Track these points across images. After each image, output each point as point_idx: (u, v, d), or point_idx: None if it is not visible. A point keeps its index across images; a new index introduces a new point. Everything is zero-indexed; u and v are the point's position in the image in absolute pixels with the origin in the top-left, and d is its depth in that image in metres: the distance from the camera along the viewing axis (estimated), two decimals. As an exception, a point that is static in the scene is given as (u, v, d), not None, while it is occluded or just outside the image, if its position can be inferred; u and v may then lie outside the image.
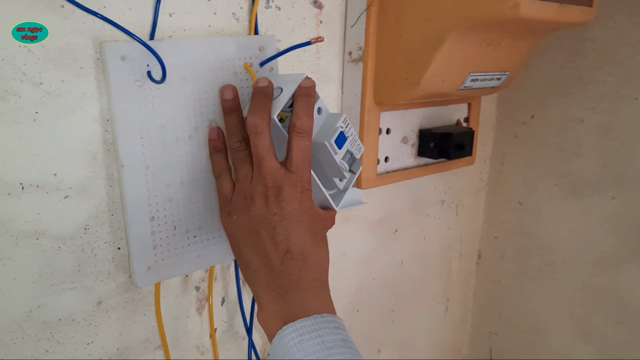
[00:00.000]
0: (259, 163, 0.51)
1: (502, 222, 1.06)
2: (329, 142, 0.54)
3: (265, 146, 0.51)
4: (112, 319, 0.56)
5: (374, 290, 0.90)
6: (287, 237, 0.51)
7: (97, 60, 0.49)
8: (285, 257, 0.51)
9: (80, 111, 0.49)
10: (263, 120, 0.51)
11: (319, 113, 0.56)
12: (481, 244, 1.11)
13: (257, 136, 0.51)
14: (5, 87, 0.44)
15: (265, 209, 0.51)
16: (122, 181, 0.51)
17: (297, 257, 0.51)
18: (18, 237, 0.48)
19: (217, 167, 0.56)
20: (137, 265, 0.54)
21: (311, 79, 0.54)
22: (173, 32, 0.53)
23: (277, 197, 0.51)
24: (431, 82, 0.66)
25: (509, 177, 1.03)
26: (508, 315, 1.10)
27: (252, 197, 0.52)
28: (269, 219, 0.51)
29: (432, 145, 0.79)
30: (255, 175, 0.52)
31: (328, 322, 0.48)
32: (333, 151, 0.55)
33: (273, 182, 0.51)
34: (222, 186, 0.55)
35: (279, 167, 0.51)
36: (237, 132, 0.54)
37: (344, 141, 0.56)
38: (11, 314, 0.49)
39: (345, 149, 0.56)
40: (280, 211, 0.51)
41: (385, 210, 0.86)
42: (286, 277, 0.51)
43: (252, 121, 0.51)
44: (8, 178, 0.46)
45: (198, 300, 0.64)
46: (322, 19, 0.67)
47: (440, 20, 0.61)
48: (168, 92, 0.52)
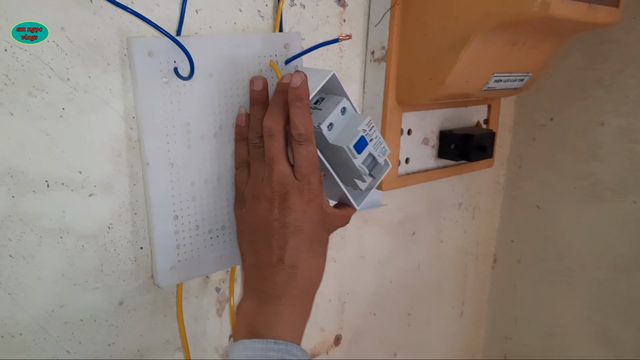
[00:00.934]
0: (270, 166, 0.51)
1: (519, 225, 1.05)
2: (347, 146, 0.53)
3: (277, 150, 0.50)
4: (133, 319, 0.55)
5: (391, 293, 0.89)
6: (282, 245, 0.51)
7: (124, 56, 0.48)
8: (277, 265, 0.51)
9: (106, 108, 0.48)
10: (277, 124, 0.50)
11: (343, 113, 0.55)
12: (497, 247, 1.10)
13: (270, 139, 0.50)
14: (33, 83, 0.43)
15: (268, 212, 0.51)
16: (147, 179, 0.51)
17: (287, 269, 0.51)
18: (42, 235, 0.47)
19: (238, 157, 0.55)
20: (160, 265, 0.53)
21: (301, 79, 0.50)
22: (199, 28, 0.52)
23: (282, 204, 0.51)
24: (455, 82, 0.65)
25: (526, 180, 1.02)
26: (524, 320, 1.08)
27: (259, 198, 0.52)
28: (270, 224, 0.51)
29: (453, 146, 0.78)
30: (266, 176, 0.51)
31: (277, 351, 0.48)
32: (352, 155, 0.53)
33: (280, 187, 0.50)
34: (238, 177, 0.55)
35: (289, 173, 0.51)
36: (258, 127, 0.53)
37: (365, 145, 0.54)
38: (34, 313, 0.48)
39: (366, 153, 0.55)
40: (282, 218, 0.51)
41: (404, 213, 0.85)
42: (270, 286, 0.51)
43: (267, 123, 0.50)
44: (34, 175, 0.45)
45: (218, 302, 0.63)
46: (346, 17, 0.66)
47: (467, 19, 0.60)
48: (194, 89, 0.51)
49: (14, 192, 0.44)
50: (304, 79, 0.50)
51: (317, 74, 0.53)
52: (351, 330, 0.83)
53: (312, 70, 0.55)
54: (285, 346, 0.48)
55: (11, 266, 0.46)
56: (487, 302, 1.13)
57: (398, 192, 0.80)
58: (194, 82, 0.51)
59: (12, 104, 0.43)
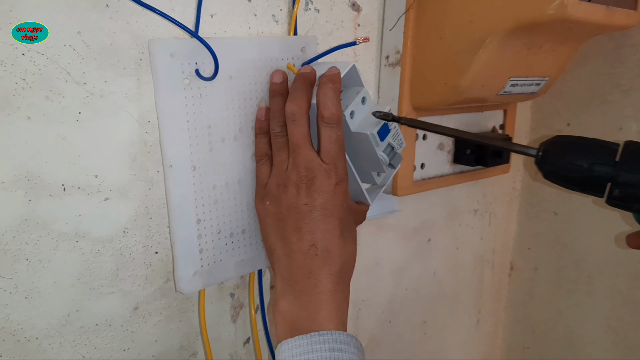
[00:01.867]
0: (295, 151, 0.50)
1: (536, 232, 1.04)
2: (371, 132, 0.53)
3: (301, 134, 0.50)
4: (148, 325, 0.55)
5: (407, 301, 0.88)
6: (313, 229, 0.49)
7: (140, 60, 0.48)
8: (309, 251, 0.49)
9: (122, 112, 0.48)
10: (301, 108, 0.50)
11: (363, 103, 0.55)
12: (514, 255, 1.08)
13: (294, 124, 0.50)
14: (50, 87, 0.44)
15: (296, 198, 0.50)
16: (169, 182, 0.51)
17: (321, 253, 0.49)
18: (58, 239, 0.47)
19: (259, 151, 0.55)
20: (182, 271, 0.53)
21: (336, 68, 0.52)
22: (214, 33, 0.53)
23: (310, 188, 0.50)
24: (471, 86, 0.65)
25: (543, 187, 1.01)
26: (542, 329, 1.07)
27: (285, 185, 0.51)
28: (299, 208, 0.50)
29: (469, 152, 0.78)
30: (291, 163, 0.51)
31: (323, 343, 0.46)
32: (375, 143, 0.53)
33: (307, 171, 0.50)
34: (260, 170, 0.55)
35: (315, 157, 0.50)
36: (280, 116, 0.52)
37: (387, 134, 0.54)
38: (50, 318, 0.48)
39: (387, 142, 0.55)
40: (312, 202, 0.49)
41: (419, 219, 0.85)
42: (305, 275, 0.49)
43: (290, 108, 0.50)
44: (50, 179, 0.45)
45: (232, 308, 0.63)
46: (360, 22, 0.66)
47: (483, 22, 0.60)
48: (215, 91, 0.52)
49: (30, 196, 0.45)
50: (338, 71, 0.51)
51: (337, 66, 0.53)
52: (366, 338, 0.83)
53: (331, 64, 0.55)
54: (331, 335, 0.46)
55: (27, 270, 0.46)
56: (504, 310, 1.12)
57: (413, 198, 0.80)
58: (215, 84, 0.51)
59: (29, 108, 0.43)
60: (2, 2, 0.40)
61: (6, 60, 0.41)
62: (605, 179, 0.44)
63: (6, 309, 0.45)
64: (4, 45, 0.41)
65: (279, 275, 0.51)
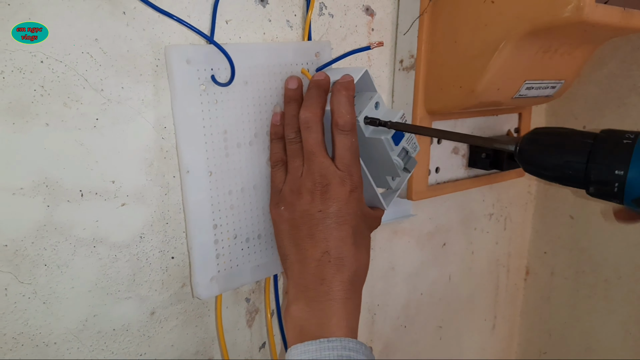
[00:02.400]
0: (309, 158, 0.50)
1: (552, 237, 1.03)
2: (386, 137, 0.53)
3: (315, 141, 0.50)
4: (164, 330, 0.55)
5: (422, 306, 0.87)
6: (327, 237, 0.50)
7: (156, 67, 0.49)
8: (322, 258, 0.49)
9: (138, 118, 0.48)
10: (315, 115, 0.50)
11: (376, 108, 0.55)
12: (530, 259, 1.07)
13: (308, 130, 0.50)
14: (68, 93, 0.44)
15: (310, 205, 0.50)
16: (186, 188, 0.51)
17: (333, 260, 0.49)
18: (76, 244, 0.47)
19: (274, 156, 0.55)
20: (200, 276, 0.53)
21: (349, 75, 0.52)
22: (229, 39, 0.53)
23: (324, 195, 0.50)
24: (486, 90, 0.64)
25: (559, 190, 1.00)
26: (559, 334, 1.05)
27: (300, 192, 0.51)
28: (313, 215, 0.50)
29: (484, 155, 0.77)
30: (305, 169, 0.51)
31: (332, 349, 0.46)
32: (389, 147, 0.53)
33: (321, 178, 0.50)
34: (275, 176, 0.55)
35: (329, 164, 0.50)
36: (294, 122, 0.53)
37: (401, 138, 0.55)
38: (68, 322, 0.49)
39: (401, 146, 0.55)
40: (326, 209, 0.50)
41: (434, 223, 0.84)
42: (317, 282, 0.49)
43: (304, 115, 0.50)
44: (68, 185, 0.46)
45: (248, 313, 0.63)
46: (374, 26, 0.66)
47: (498, 26, 0.60)
48: (230, 96, 0.52)
49: (49, 202, 0.45)
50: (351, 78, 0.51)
51: (349, 72, 0.53)
52: (381, 343, 0.82)
53: (344, 70, 0.55)
54: (340, 342, 0.46)
55: (46, 275, 0.46)
56: (519, 315, 1.11)
57: (428, 203, 0.79)
58: (230, 89, 0.52)
59: (47, 114, 0.43)
60: (21, 10, 0.41)
61: (25, 68, 0.42)
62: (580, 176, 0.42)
63: (25, 314, 0.46)
64: (23, 52, 0.41)
65: (292, 280, 0.52)
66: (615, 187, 0.40)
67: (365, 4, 0.64)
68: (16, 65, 0.41)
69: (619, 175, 0.40)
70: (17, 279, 0.45)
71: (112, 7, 0.45)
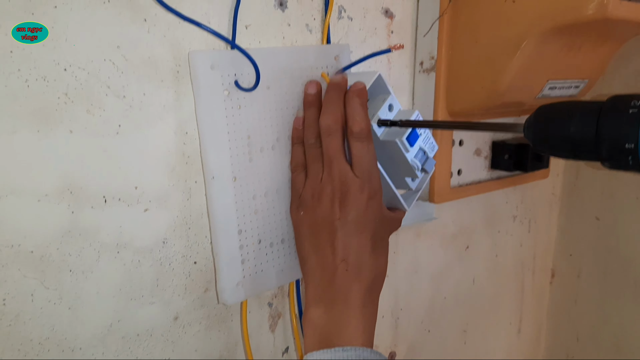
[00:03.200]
0: (329, 164, 0.51)
1: (578, 238, 1.01)
2: (400, 139, 0.53)
3: (336, 147, 0.50)
4: (188, 334, 0.55)
5: (446, 310, 0.86)
6: (346, 244, 0.50)
7: (177, 72, 0.49)
8: (340, 265, 0.50)
9: (160, 123, 0.49)
10: (336, 122, 0.50)
11: (390, 110, 0.55)
12: (555, 261, 1.06)
13: (329, 137, 0.50)
14: (91, 101, 0.44)
15: (329, 211, 0.50)
16: (211, 193, 0.51)
17: (351, 268, 0.50)
18: (100, 250, 0.48)
19: (295, 160, 0.55)
20: (226, 281, 0.53)
21: (361, 82, 0.52)
22: (249, 44, 0.53)
23: (343, 202, 0.50)
24: (508, 90, 0.64)
25: (584, 191, 0.98)
26: (586, 337, 1.03)
27: (320, 198, 0.51)
28: (332, 222, 0.50)
29: (507, 156, 0.76)
30: (325, 175, 0.51)
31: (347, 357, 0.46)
32: (404, 149, 0.53)
33: (340, 185, 0.50)
34: (295, 180, 0.55)
35: (348, 170, 0.50)
36: (314, 127, 0.53)
37: (416, 138, 0.54)
38: (92, 328, 0.49)
39: (417, 146, 0.54)
40: (344, 216, 0.50)
41: (457, 226, 0.83)
42: (335, 289, 0.50)
43: (325, 121, 0.50)
44: (92, 191, 0.46)
45: (271, 317, 0.63)
46: (393, 28, 0.66)
47: (519, 24, 0.59)
48: (253, 101, 0.52)
49: (73, 208, 0.45)
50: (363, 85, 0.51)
51: (363, 77, 0.53)
52: (405, 347, 0.81)
53: (358, 74, 0.56)
54: (354, 351, 0.47)
55: (71, 281, 0.47)
56: (546, 317, 1.09)
57: (450, 205, 0.79)
58: (253, 94, 0.52)
59: (71, 121, 0.44)
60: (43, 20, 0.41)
61: (49, 76, 0.42)
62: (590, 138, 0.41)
63: (51, 319, 0.46)
64: (46, 61, 0.42)
65: (311, 284, 0.52)
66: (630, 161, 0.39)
67: (385, 6, 0.64)
68: (40, 74, 0.42)
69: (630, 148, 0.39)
70: (43, 284, 0.45)
71: (133, 14, 0.46)
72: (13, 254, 0.43)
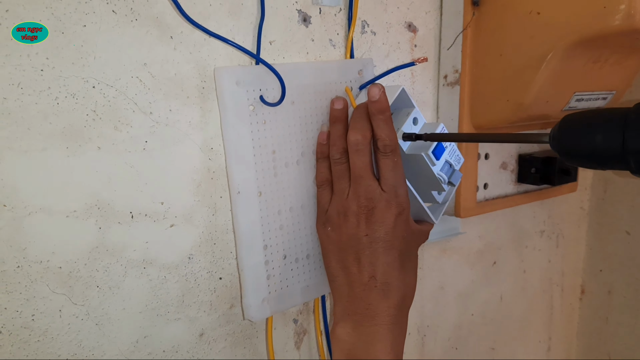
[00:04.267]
0: (356, 181, 0.50)
1: (608, 254, 0.99)
2: (425, 153, 0.52)
3: (364, 164, 0.50)
4: (213, 351, 0.55)
5: (474, 327, 0.85)
6: (374, 261, 0.49)
7: (202, 89, 0.49)
8: (368, 282, 0.49)
9: (186, 140, 0.49)
10: (365, 138, 0.50)
11: (415, 123, 0.54)
12: (584, 277, 1.03)
13: (357, 154, 0.50)
14: (119, 117, 0.45)
15: (356, 229, 0.50)
16: (236, 209, 0.51)
17: (380, 285, 0.49)
18: (127, 266, 0.48)
19: (320, 176, 0.55)
20: (251, 298, 0.53)
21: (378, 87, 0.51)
22: (274, 59, 0.53)
23: (370, 219, 0.50)
24: (534, 103, 0.63)
25: (613, 205, 0.96)
26: (618, 356, 1.01)
27: (346, 215, 0.51)
28: (360, 239, 0.50)
29: (534, 170, 0.75)
30: (352, 192, 0.51)
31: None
32: (430, 163, 0.53)
33: (367, 201, 0.50)
34: (321, 196, 0.55)
35: (376, 187, 0.50)
36: (340, 142, 0.52)
37: (442, 152, 0.54)
38: (119, 344, 0.49)
39: (443, 159, 0.54)
40: (372, 233, 0.49)
41: (484, 241, 0.82)
42: (364, 307, 0.49)
43: (354, 137, 0.50)
44: (119, 207, 0.46)
45: (296, 334, 0.62)
46: (417, 42, 0.65)
47: (544, 37, 0.58)
48: (278, 116, 0.52)
49: (101, 224, 0.46)
50: (382, 90, 0.50)
51: (386, 91, 0.53)
52: (432, 366, 0.80)
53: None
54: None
55: (98, 297, 0.47)
56: (576, 336, 1.06)
57: (477, 220, 0.78)
58: (278, 109, 0.52)
59: (99, 138, 0.44)
60: (73, 40, 0.42)
61: (78, 93, 0.43)
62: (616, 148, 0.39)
63: (79, 335, 0.46)
64: (76, 79, 0.42)
65: (339, 301, 0.52)
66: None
67: (408, 20, 0.64)
68: (69, 91, 0.42)
69: None
70: (70, 300, 0.45)
71: (160, 32, 0.46)
72: (42, 270, 0.44)
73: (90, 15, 0.42)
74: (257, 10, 0.51)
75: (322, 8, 0.56)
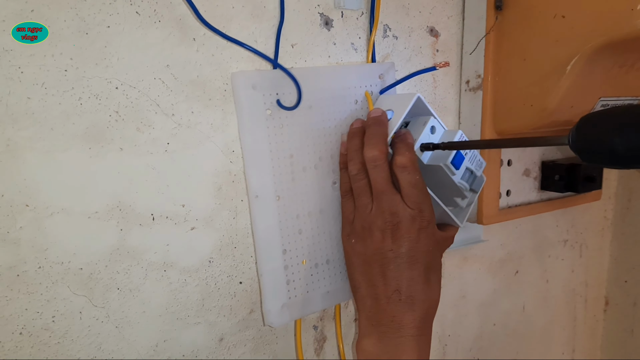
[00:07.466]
0: (379, 197, 0.50)
1: (633, 264, 0.96)
2: (444, 163, 0.52)
3: (384, 179, 0.49)
4: (233, 356, 0.54)
5: (495, 337, 0.83)
6: (399, 276, 0.49)
7: (224, 92, 0.49)
8: (393, 295, 0.49)
9: (207, 142, 0.49)
10: (381, 152, 0.49)
11: (432, 132, 0.54)
12: (609, 288, 1.01)
13: (376, 169, 0.49)
14: (141, 119, 0.45)
15: (381, 243, 0.50)
16: (254, 213, 0.51)
17: (404, 299, 0.49)
18: (147, 268, 0.48)
19: (344, 186, 0.55)
20: (271, 303, 0.53)
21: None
22: (295, 62, 0.53)
23: (395, 234, 0.49)
24: (559, 108, 0.62)
25: (638, 215, 0.94)
26: (645, 370, 0.98)
27: (371, 229, 0.50)
28: (384, 254, 0.50)
29: (557, 177, 0.74)
30: (375, 207, 0.50)
31: None
32: (450, 172, 0.52)
33: (392, 217, 0.49)
34: (345, 206, 0.55)
35: (399, 201, 0.49)
36: (357, 157, 0.52)
37: (462, 160, 0.53)
38: (139, 347, 0.49)
39: (463, 167, 0.53)
40: (397, 248, 0.49)
41: (506, 250, 0.81)
42: (388, 319, 0.49)
43: (370, 153, 0.49)
44: (140, 208, 0.46)
45: (316, 341, 0.61)
46: (439, 47, 0.65)
47: (569, 41, 0.57)
48: (295, 120, 0.52)
49: (122, 226, 0.46)
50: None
51: (402, 99, 0.52)
52: (453, 376, 0.79)
53: (397, 96, 0.55)
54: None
55: (118, 299, 0.47)
56: (600, 349, 1.04)
57: (498, 227, 0.76)
58: (296, 114, 0.52)
59: (121, 139, 0.44)
60: (97, 40, 0.42)
61: (101, 94, 0.43)
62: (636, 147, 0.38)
63: (98, 338, 0.46)
64: (99, 80, 0.43)
65: (364, 314, 0.52)
66: None
67: (430, 24, 0.63)
68: (93, 92, 0.42)
69: None
70: (91, 302, 0.45)
71: (183, 34, 0.46)
72: (63, 271, 0.43)
73: (114, 16, 0.43)
74: (280, 13, 0.51)
75: (344, 12, 0.56)
